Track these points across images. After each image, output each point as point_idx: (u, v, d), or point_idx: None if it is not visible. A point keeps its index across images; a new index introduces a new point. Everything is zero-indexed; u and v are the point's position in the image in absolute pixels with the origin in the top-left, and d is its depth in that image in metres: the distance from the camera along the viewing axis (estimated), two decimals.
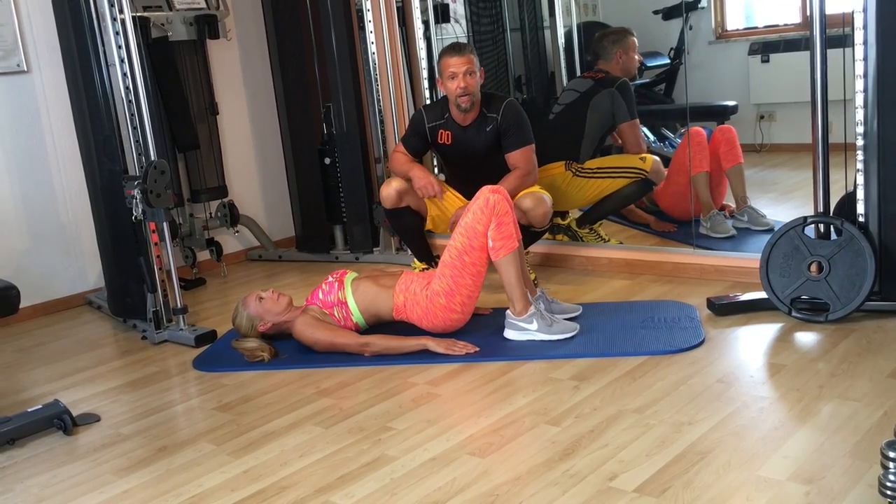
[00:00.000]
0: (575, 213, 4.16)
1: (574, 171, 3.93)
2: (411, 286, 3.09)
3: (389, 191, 3.62)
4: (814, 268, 2.98)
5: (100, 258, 3.92)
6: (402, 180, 3.63)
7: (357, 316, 3.11)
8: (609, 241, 4.03)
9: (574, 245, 4.06)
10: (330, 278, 3.20)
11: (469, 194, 3.23)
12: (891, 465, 1.67)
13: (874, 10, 2.81)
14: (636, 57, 4.10)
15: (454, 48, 3.46)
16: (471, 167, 3.59)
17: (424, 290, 3.06)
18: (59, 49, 3.73)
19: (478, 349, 2.96)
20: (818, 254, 2.97)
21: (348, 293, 3.12)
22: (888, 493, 1.66)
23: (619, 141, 4.17)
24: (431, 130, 3.58)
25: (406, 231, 3.81)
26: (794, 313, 2.99)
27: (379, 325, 3.17)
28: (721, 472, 2.03)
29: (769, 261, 3.04)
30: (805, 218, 3.01)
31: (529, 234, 3.50)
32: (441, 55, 3.48)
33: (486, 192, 3.00)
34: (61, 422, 2.66)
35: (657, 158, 3.89)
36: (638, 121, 4.05)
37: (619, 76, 4.02)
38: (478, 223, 2.98)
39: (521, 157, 3.49)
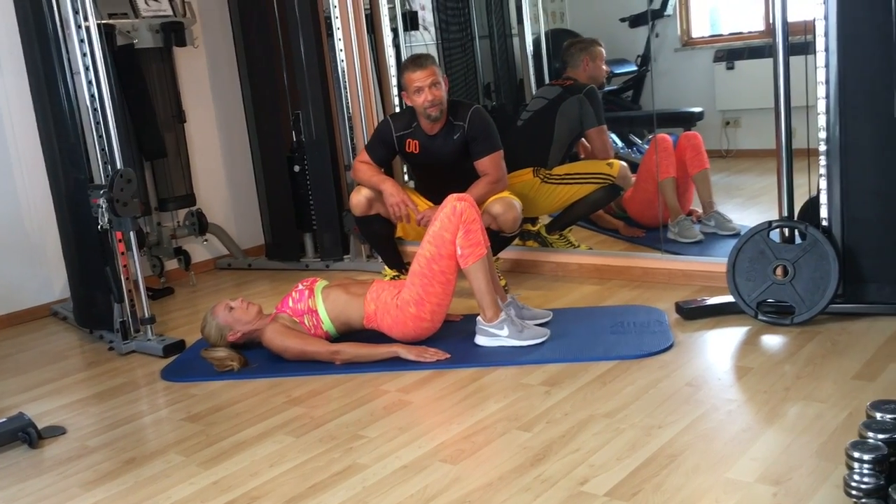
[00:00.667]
0: (545, 220, 4.19)
1: (542, 177, 3.95)
2: (382, 295, 3.09)
3: (359, 198, 3.62)
4: (779, 271, 3.03)
5: (65, 268, 3.88)
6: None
7: (328, 324, 3.10)
8: (579, 246, 4.06)
9: (544, 251, 4.08)
10: (300, 286, 3.18)
11: (438, 201, 3.24)
12: (855, 465, 1.70)
13: (835, 18, 2.86)
14: (603, 66, 4.14)
15: (415, 62, 3.42)
16: (439, 175, 3.60)
17: (395, 298, 3.05)
18: (22, 56, 3.68)
19: (449, 356, 2.97)
20: (783, 258, 3.01)
21: (319, 301, 3.10)
22: (853, 492, 1.68)
23: (585, 150, 4.21)
24: (399, 140, 3.56)
25: (376, 239, 3.81)
26: (760, 316, 3.03)
27: (349, 333, 3.15)
28: (690, 475, 2.05)
29: (735, 265, 3.08)
30: (770, 222, 3.05)
31: (499, 239, 3.51)
32: (403, 70, 3.46)
33: (452, 201, 3.01)
34: (26, 435, 2.62)
35: (624, 164, 3.92)
36: (605, 127, 4.09)
37: (586, 83, 4.05)
38: (445, 231, 2.98)
39: (490, 164, 3.49)
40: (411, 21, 4.81)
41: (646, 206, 4.13)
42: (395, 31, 4.53)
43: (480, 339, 3.07)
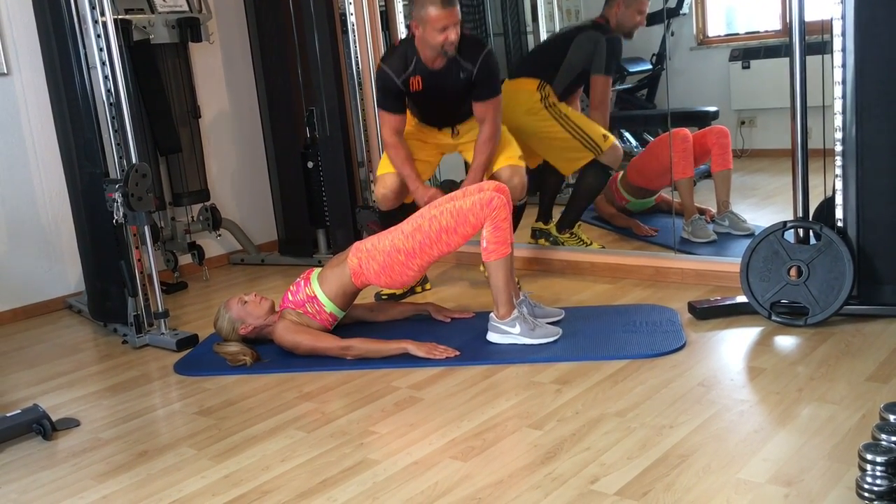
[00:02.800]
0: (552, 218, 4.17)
1: (544, 96, 3.85)
2: (362, 246, 3.13)
3: (385, 192, 3.57)
4: (793, 272, 3.01)
5: (80, 262, 3.90)
6: (396, 177, 3.54)
7: (329, 305, 3.11)
8: (591, 244, 4.05)
9: (556, 249, 4.07)
10: (297, 279, 3.21)
11: (436, 124, 3.31)
12: (868, 467, 1.69)
13: (852, 17, 2.84)
14: (637, 17, 3.91)
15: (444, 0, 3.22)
16: (439, 105, 3.54)
17: (381, 241, 3.09)
18: (39, 51, 3.71)
19: (458, 353, 2.97)
20: (797, 258, 3.00)
21: (315, 287, 3.12)
22: (866, 494, 1.68)
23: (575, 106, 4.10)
24: (404, 83, 3.39)
25: None
26: (773, 317, 3.02)
27: (351, 310, 3.22)
28: (701, 475, 2.04)
29: (749, 265, 3.06)
30: (785, 223, 3.04)
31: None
32: (427, 5, 3.21)
33: (491, 190, 3.02)
34: (40, 426, 2.64)
35: (617, 144, 3.87)
36: (611, 80, 3.99)
37: (612, 30, 3.89)
38: (472, 215, 2.99)
39: (489, 109, 3.40)
40: None
41: (654, 173, 4.14)
42: (409, 27, 4.53)
43: (492, 336, 3.07)
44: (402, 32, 4.44)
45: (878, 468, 1.68)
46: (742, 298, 3.12)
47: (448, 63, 3.34)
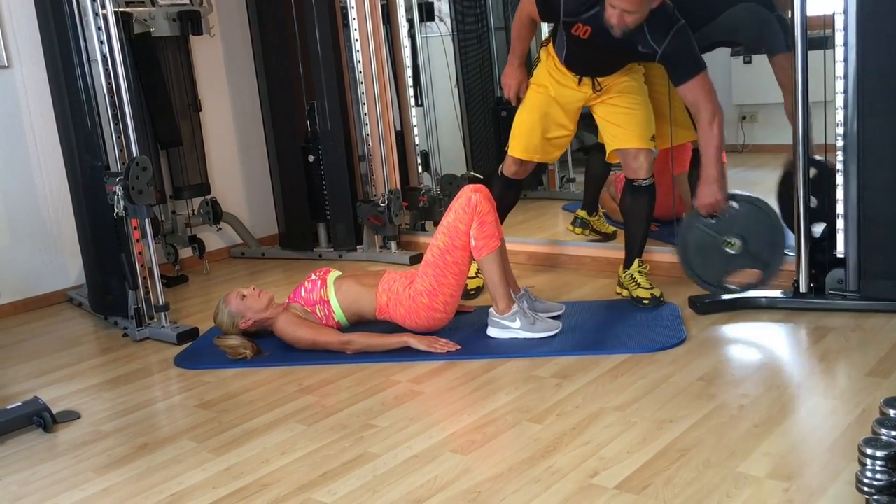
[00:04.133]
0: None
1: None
2: (394, 286, 3.09)
3: (512, 168, 3.37)
4: (730, 247, 3.12)
5: (81, 255, 3.90)
6: (523, 159, 3.32)
7: (339, 315, 3.11)
8: (614, 232, 3.99)
9: (557, 244, 4.07)
10: (313, 276, 3.19)
11: (583, 73, 3.08)
12: (868, 461, 1.69)
13: (854, 12, 2.83)
14: None
15: None
16: (596, 58, 3.13)
17: (407, 289, 3.06)
18: (40, 44, 3.70)
19: (459, 347, 2.97)
20: (726, 233, 3.12)
21: (331, 292, 3.11)
22: (865, 489, 1.68)
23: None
24: (566, 23, 2.97)
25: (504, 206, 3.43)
26: (729, 288, 3.15)
27: (361, 323, 3.16)
28: (701, 469, 2.05)
29: (688, 258, 3.20)
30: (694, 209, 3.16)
31: (638, 191, 3.30)
32: None
33: (467, 192, 3.01)
34: (41, 419, 2.64)
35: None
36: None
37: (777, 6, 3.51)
38: (460, 222, 2.98)
39: (697, 89, 2.94)
40: (427, 12, 4.80)
41: (660, 200, 4.11)
42: (410, 21, 4.52)
43: (492, 331, 3.07)
44: (403, 26, 4.43)
45: (878, 463, 1.68)
46: (743, 293, 3.12)
47: (631, 30, 2.86)
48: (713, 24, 3.42)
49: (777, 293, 3.15)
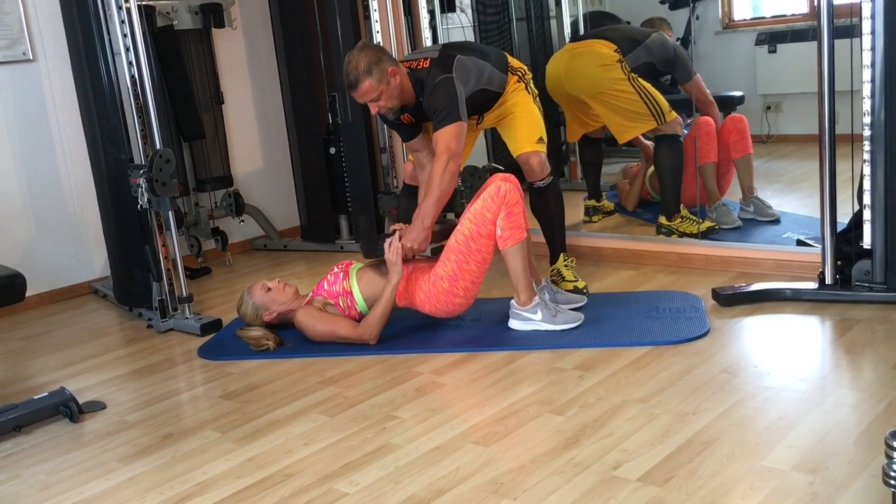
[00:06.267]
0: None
1: (621, 59, 3.84)
2: (414, 272, 3.09)
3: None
4: None
5: (105, 247, 3.93)
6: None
7: (361, 305, 3.11)
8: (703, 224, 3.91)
9: (580, 235, 4.06)
10: (335, 269, 3.20)
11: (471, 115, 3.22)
12: (895, 455, 1.67)
13: None
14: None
15: (347, 82, 3.02)
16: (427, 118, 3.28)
17: (427, 273, 3.06)
18: (64, 38, 3.73)
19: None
20: None
21: (353, 283, 3.12)
22: (892, 482, 1.65)
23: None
24: (392, 124, 3.33)
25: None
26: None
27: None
28: (725, 462, 2.03)
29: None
30: None
31: (534, 190, 3.38)
32: None
33: (497, 180, 2.99)
34: (67, 409, 2.67)
35: (679, 119, 3.85)
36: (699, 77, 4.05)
37: None
38: (487, 211, 2.97)
39: (443, 137, 3.03)
40: (448, 3, 4.78)
41: (683, 189, 4.09)
42: (431, 13, 4.50)
43: (514, 323, 3.06)
44: (424, 17, 4.42)
45: None
46: (767, 285, 3.08)
47: (417, 102, 3.16)
48: (642, 47, 3.93)
49: (802, 285, 3.12)
